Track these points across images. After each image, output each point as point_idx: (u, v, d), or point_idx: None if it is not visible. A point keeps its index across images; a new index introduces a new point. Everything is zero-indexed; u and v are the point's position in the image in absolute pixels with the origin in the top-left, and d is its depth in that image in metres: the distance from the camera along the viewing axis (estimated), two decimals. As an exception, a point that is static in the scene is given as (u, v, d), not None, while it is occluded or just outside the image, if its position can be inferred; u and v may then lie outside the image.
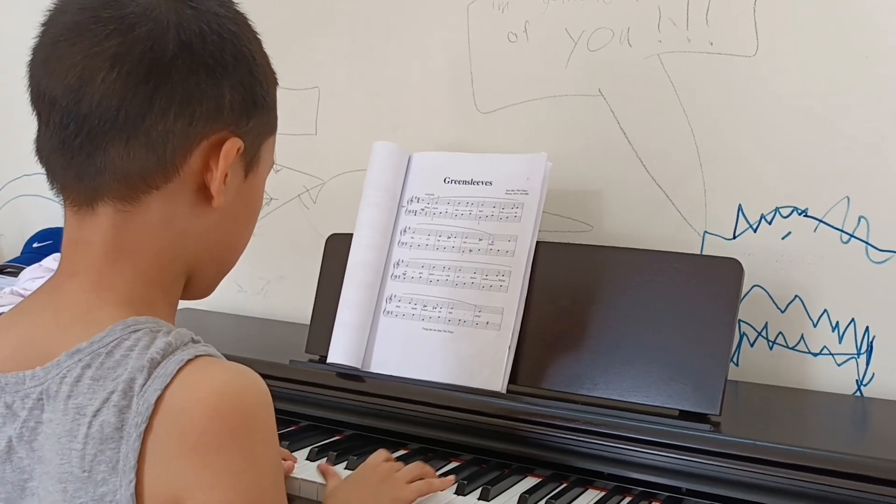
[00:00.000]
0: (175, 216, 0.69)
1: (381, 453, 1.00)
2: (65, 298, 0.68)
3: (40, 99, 0.67)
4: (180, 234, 0.70)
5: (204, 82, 0.67)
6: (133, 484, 0.60)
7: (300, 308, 1.55)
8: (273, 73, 0.76)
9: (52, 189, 0.70)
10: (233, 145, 0.69)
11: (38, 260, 1.64)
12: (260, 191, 0.78)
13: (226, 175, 0.70)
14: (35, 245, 1.81)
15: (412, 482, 0.94)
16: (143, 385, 0.61)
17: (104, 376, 0.62)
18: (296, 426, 1.21)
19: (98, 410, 0.61)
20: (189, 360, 0.62)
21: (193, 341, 0.65)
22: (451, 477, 0.98)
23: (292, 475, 1.02)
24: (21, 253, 1.85)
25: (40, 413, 0.64)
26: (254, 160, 0.74)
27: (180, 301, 0.75)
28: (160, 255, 0.70)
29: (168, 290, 0.71)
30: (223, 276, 0.79)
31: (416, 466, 0.98)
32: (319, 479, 1.01)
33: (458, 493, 0.97)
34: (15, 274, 1.66)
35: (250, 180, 0.74)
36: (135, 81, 0.65)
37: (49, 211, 1.93)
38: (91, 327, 0.65)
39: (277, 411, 1.23)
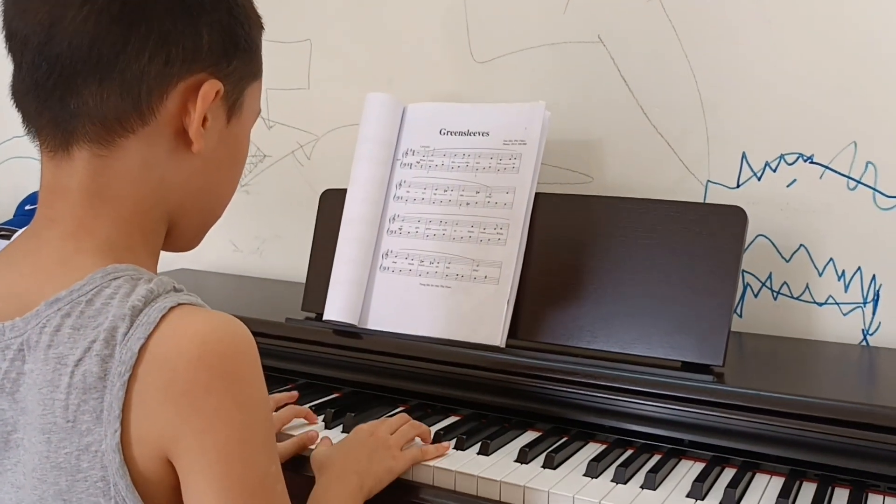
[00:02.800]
0: (154, 161, 0.67)
1: (374, 422, 0.96)
2: (44, 247, 0.66)
3: (12, 39, 0.65)
4: (161, 179, 0.68)
5: (180, 21, 0.65)
6: (118, 433, 0.59)
7: (297, 266, 1.53)
8: (257, 15, 0.74)
9: (28, 133, 0.68)
10: (211, 87, 0.67)
11: (30, 223, 1.61)
12: (245, 138, 0.75)
13: (205, 119, 0.68)
14: (27, 207, 1.79)
15: (405, 447, 0.92)
16: (126, 333, 0.60)
17: (84, 325, 0.61)
18: (293, 384, 1.20)
19: (80, 360, 0.60)
20: (172, 308, 0.61)
21: (175, 289, 0.64)
22: (447, 444, 0.95)
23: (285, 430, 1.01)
24: (13, 216, 1.82)
25: (22, 364, 0.62)
26: (237, 105, 0.72)
27: (176, 263, 0.73)
28: (140, 202, 0.68)
29: (149, 238, 0.69)
30: (208, 228, 0.77)
31: (411, 427, 0.95)
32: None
33: (457, 447, 0.96)
34: (7, 237, 1.63)
35: (234, 126, 0.72)
36: (107, 20, 0.63)
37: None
38: (71, 275, 0.63)
39: (274, 370, 1.23)
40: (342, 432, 1.03)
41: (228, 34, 0.69)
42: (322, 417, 1.05)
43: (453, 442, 0.97)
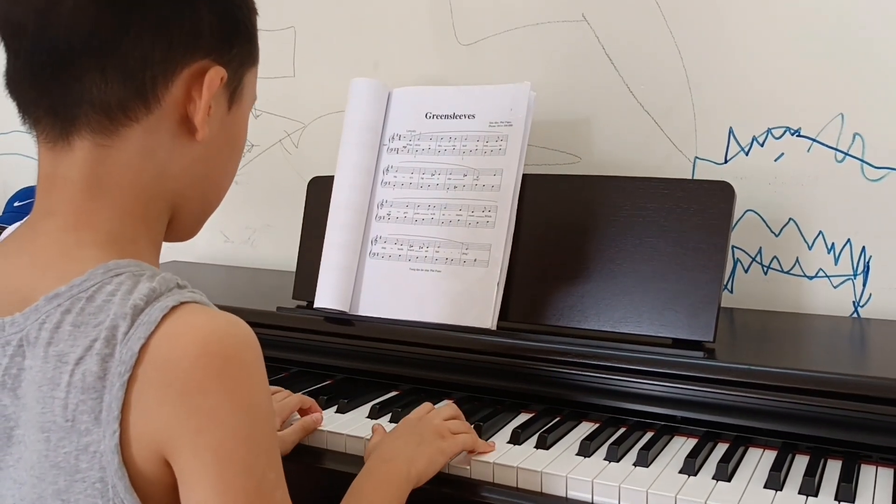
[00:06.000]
0: (157, 150, 0.66)
1: (425, 406, 0.95)
2: (42, 239, 0.65)
3: (7, 27, 0.64)
4: (163, 168, 0.67)
5: (180, 5, 0.64)
6: (117, 434, 0.58)
7: (288, 255, 1.52)
8: (252, 0, 0.72)
9: (25, 124, 0.66)
10: (216, 74, 0.66)
11: (20, 219, 1.60)
12: (244, 125, 0.74)
13: (209, 106, 0.66)
14: (16, 204, 1.78)
15: (458, 434, 0.90)
16: (127, 333, 0.58)
17: (85, 322, 0.60)
18: (286, 373, 1.20)
19: (80, 358, 0.59)
20: (174, 307, 0.59)
21: (179, 286, 0.62)
22: (493, 442, 0.92)
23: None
24: (2, 212, 1.82)
25: (22, 360, 0.61)
26: (237, 91, 0.70)
27: (168, 255, 0.72)
28: (142, 191, 0.66)
29: (151, 229, 0.68)
30: (207, 216, 0.75)
31: (463, 424, 0.92)
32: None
33: (450, 431, 0.96)
34: (-3, 234, 1.63)
35: (234, 113, 0.71)
36: (105, 4, 0.62)
37: (29, 169, 1.88)
38: (70, 269, 0.62)
39: (267, 359, 1.22)
40: (338, 413, 1.03)
41: (229, 18, 0.68)
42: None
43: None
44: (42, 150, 0.66)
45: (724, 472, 0.85)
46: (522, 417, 1.01)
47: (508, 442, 0.93)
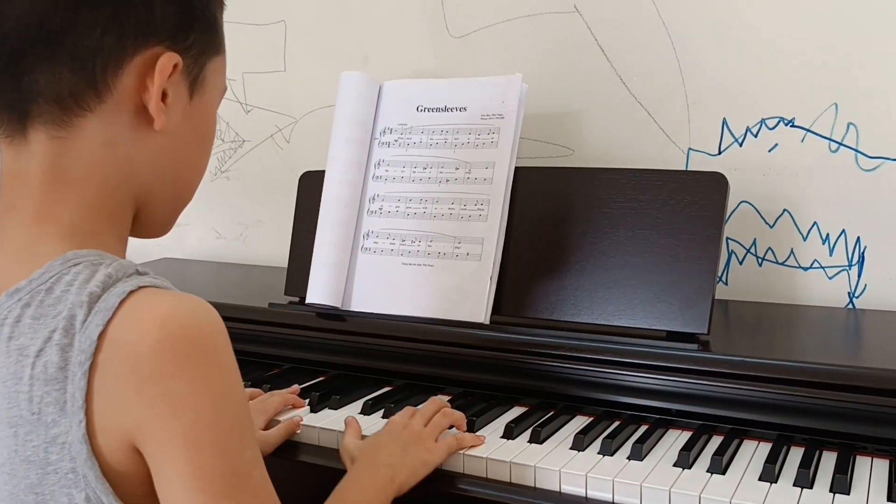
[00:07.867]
0: (116, 141, 0.65)
1: (407, 411, 0.94)
2: (5, 235, 0.65)
3: None
4: (125, 160, 0.66)
5: None
6: (83, 424, 0.58)
7: (280, 251, 1.50)
8: None
9: None
10: (168, 60, 0.65)
11: None
12: (210, 116, 0.73)
13: (165, 94, 0.66)
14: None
15: (439, 436, 0.89)
16: (84, 321, 0.58)
17: (44, 314, 0.59)
18: (279, 369, 1.19)
19: (41, 350, 0.59)
20: (131, 292, 0.59)
21: (139, 273, 0.62)
22: (483, 436, 0.92)
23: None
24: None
25: None
26: (198, 80, 0.70)
27: (159, 252, 0.71)
28: (104, 183, 0.65)
29: (115, 221, 0.67)
30: (178, 212, 0.74)
31: (444, 416, 0.92)
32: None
33: (443, 426, 0.95)
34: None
35: (197, 103, 0.70)
36: None
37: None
38: (33, 263, 0.62)
39: (259, 355, 1.22)
40: (330, 409, 1.03)
41: (184, 6, 0.67)
42: (307, 401, 1.04)
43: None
44: (3, 147, 0.65)
45: (719, 465, 0.84)
46: (516, 412, 1.00)
47: (502, 436, 0.93)
